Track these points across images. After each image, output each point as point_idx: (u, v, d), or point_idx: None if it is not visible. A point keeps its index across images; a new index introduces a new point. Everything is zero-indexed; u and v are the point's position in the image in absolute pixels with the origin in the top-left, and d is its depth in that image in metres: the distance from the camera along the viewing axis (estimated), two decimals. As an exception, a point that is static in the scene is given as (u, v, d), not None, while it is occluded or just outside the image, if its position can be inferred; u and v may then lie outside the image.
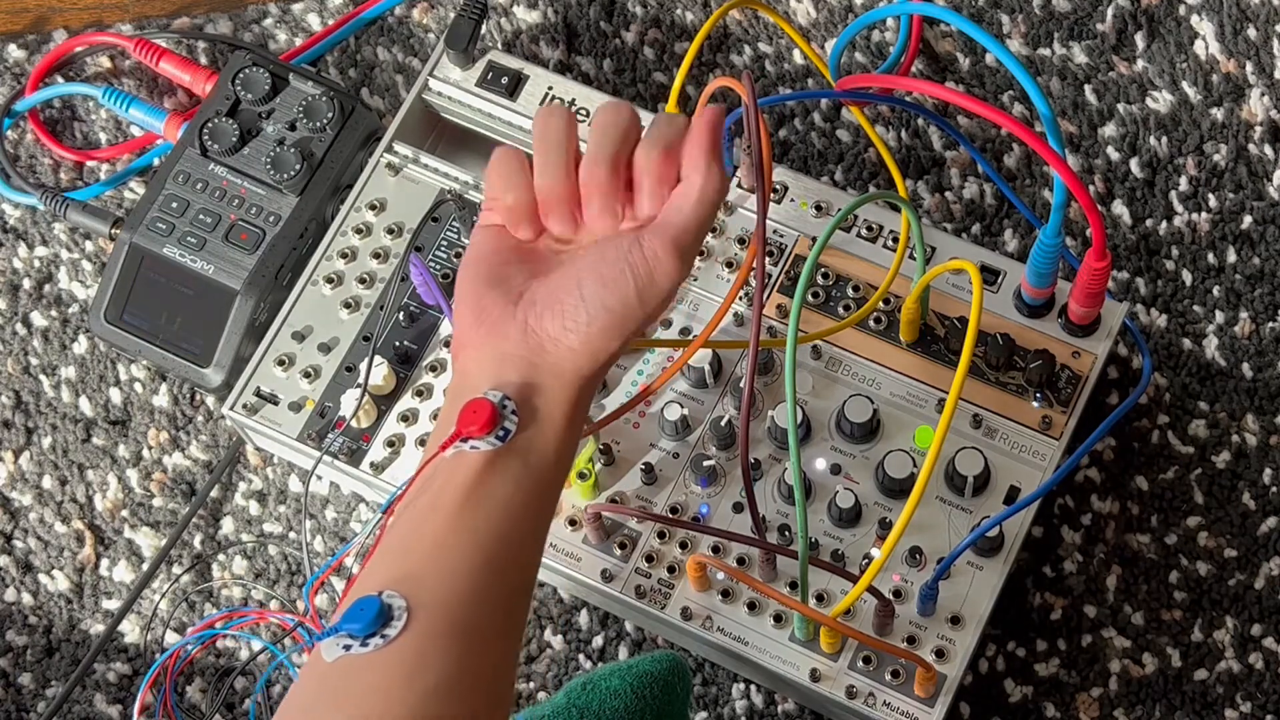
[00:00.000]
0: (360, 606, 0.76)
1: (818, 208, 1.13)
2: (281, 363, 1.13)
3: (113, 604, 1.17)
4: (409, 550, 0.79)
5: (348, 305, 1.14)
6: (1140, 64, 1.22)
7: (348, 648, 0.75)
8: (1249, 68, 1.21)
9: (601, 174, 0.84)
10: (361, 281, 1.14)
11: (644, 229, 0.83)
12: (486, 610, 0.78)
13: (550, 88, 1.17)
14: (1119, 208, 1.19)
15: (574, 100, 1.16)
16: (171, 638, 1.15)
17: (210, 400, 1.20)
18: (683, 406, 1.08)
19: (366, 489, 1.13)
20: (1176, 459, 1.14)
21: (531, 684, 1.12)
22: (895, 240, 1.12)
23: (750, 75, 1.13)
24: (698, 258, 1.12)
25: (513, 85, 1.17)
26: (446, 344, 1.13)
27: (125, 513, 1.18)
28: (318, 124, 1.18)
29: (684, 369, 1.08)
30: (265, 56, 1.22)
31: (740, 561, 1.06)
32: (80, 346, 1.22)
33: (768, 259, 1.12)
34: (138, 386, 1.21)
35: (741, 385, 1.08)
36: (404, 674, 0.75)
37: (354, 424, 1.10)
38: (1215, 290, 1.17)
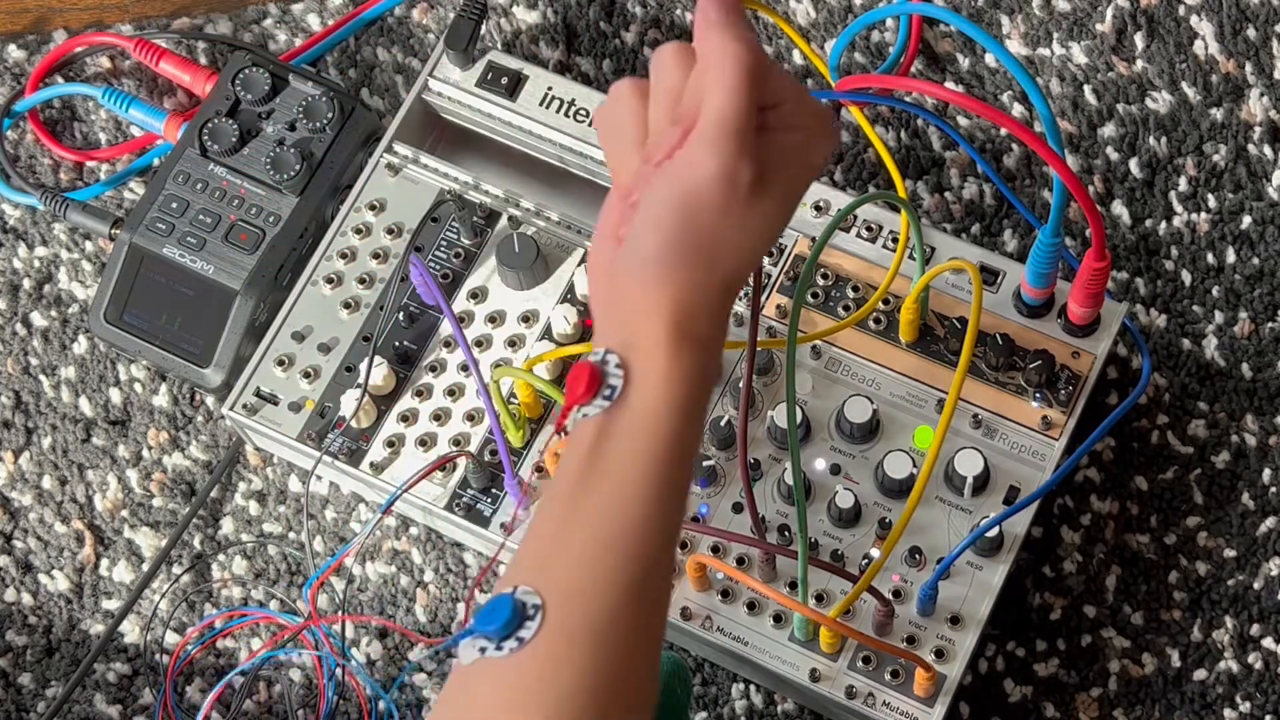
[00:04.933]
0: (494, 606, 0.71)
1: (817, 208, 1.13)
2: (281, 363, 1.13)
3: (113, 604, 1.17)
4: (538, 538, 0.74)
5: (348, 305, 1.14)
6: (1140, 64, 1.22)
7: (484, 650, 0.71)
8: (1248, 68, 1.21)
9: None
10: (361, 281, 1.15)
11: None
12: (617, 599, 0.72)
13: (550, 88, 1.17)
14: (1118, 208, 1.19)
15: (574, 100, 1.16)
16: (171, 638, 1.15)
17: (210, 400, 1.20)
18: (682, 406, 1.07)
19: (366, 489, 1.13)
20: (1176, 459, 1.14)
21: (531, 684, 1.12)
22: (895, 240, 1.12)
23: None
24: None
25: (512, 85, 1.17)
26: (446, 344, 1.13)
27: (125, 513, 1.18)
28: (318, 124, 1.18)
29: (684, 369, 1.08)
30: (265, 57, 1.22)
31: (740, 561, 1.06)
32: (80, 346, 1.22)
33: (767, 259, 1.12)
34: (138, 386, 1.21)
35: (740, 385, 1.08)
36: (538, 677, 0.71)
37: (354, 424, 1.10)
38: (1215, 290, 1.17)
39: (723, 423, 1.07)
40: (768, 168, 0.73)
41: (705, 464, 1.07)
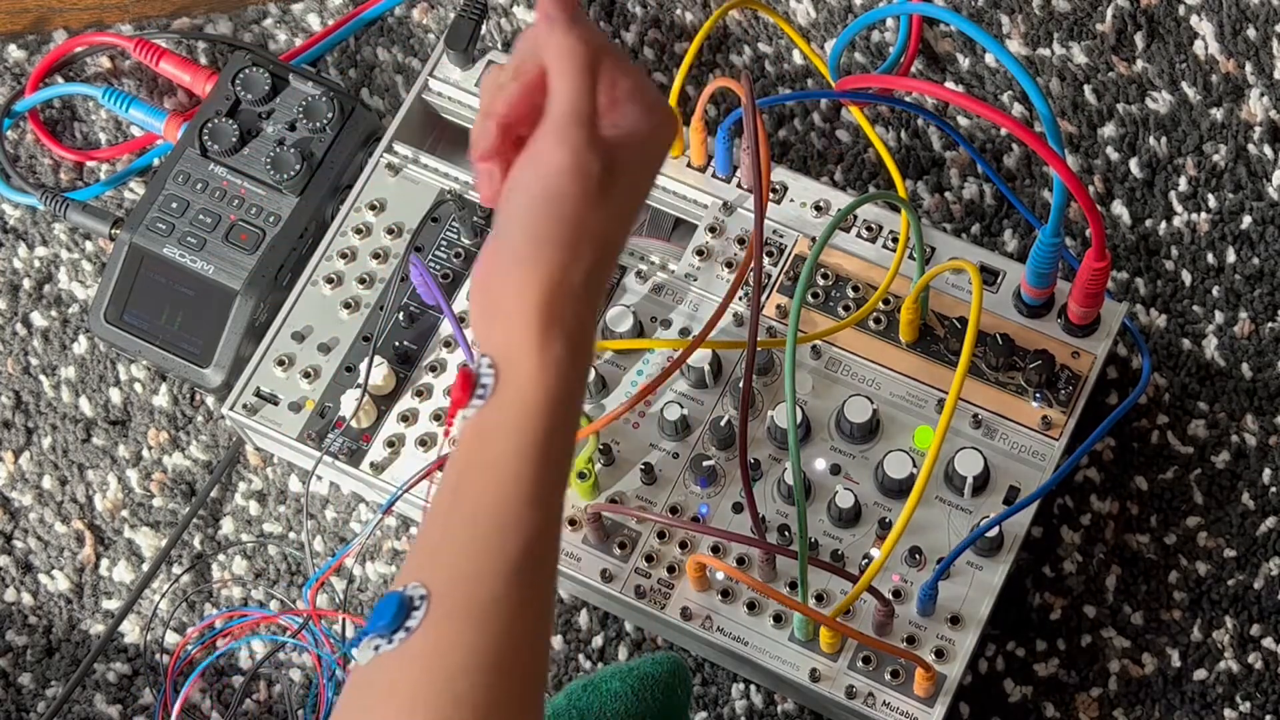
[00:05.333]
0: (382, 605, 0.75)
1: (817, 208, 1.13)
2: (281, 363, 1.13)
3: (113, 604, 1.17)
4: (426, 535, 0.78)
5: (348, 305, 1.14)
6: (1140, 64, 1.22)
7: (378, 648, 0.74)
8: (1248, 68, 1.21)
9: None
10: (361, 281, 1.15)
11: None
12: (500, 583, 0.75)
13: (550, 88, 1.17)
14: (1119, 208, 1.19)
15: (574, 100, 1.16)
16: (171, 638, 1.15)
17: (210, 400, 1.20)
18: (682, 406, 1.08)
19: (366, 489, 1.13)
20: (1176, 459, 1.14)
21: (531, 684, 1.12)
22: (895, 240, 1.12)
23: (749, 76, 1.13)
24: (698, 257, 1.12)
25: (512, 85, 1.17)
26: (446, 344, 1.13)
27: (125, 513, 1.18)
28: (318, 124, 1.18)
29: (684, 369, 1.08)
30: (265, 57, 1.22)
31: (740, 561, 1.06)
32: (80, 346, 1.22)
33: (767, 259, 1.12)
34: (138, 386, 1.21)
35: (740, 385, 1.08)
36: (425, 663, 0.74)
37: (354, 424, 1.10)
38: (1215, 290, 1.17)
39: (723, 423, 1.07)
40: (616, 157, 0.76)
41: (705, 464, 1.07)
